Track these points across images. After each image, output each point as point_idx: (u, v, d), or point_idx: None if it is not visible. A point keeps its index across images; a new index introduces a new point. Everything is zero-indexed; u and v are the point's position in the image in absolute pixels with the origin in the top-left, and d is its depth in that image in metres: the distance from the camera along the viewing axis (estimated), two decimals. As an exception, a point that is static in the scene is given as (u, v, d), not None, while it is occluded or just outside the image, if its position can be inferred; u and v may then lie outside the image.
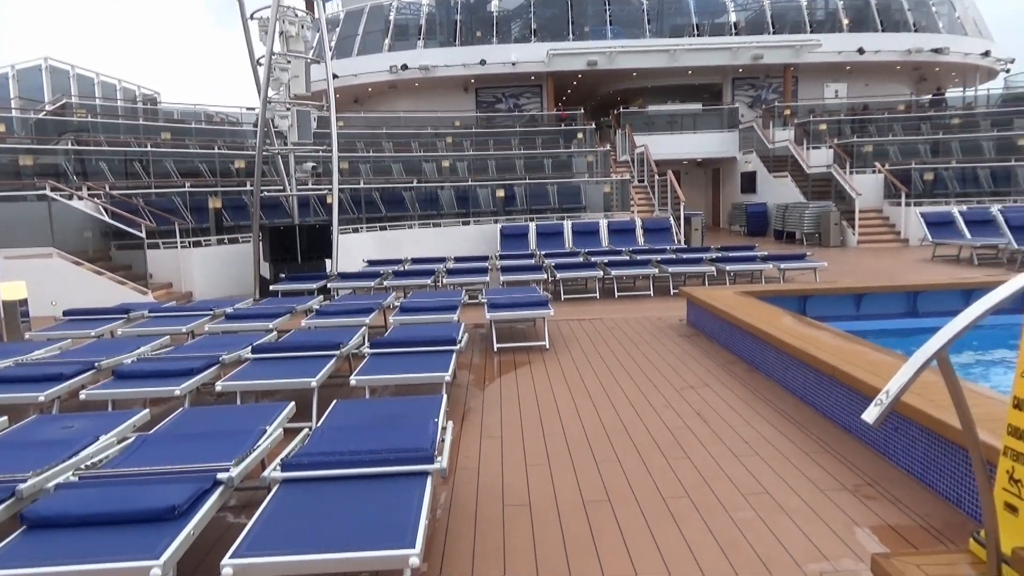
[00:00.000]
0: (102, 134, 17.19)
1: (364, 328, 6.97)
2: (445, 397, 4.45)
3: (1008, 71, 31.39)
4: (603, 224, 15.91)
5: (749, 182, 24.30)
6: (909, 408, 3.87)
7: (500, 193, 18.19)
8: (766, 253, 12.16)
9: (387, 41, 27.95)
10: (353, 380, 5.17)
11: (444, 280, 10.88)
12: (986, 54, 29.04)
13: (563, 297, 10.97)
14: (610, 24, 27.72)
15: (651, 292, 11.16)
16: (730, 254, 12.30)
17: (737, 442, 4.64)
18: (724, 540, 3.37)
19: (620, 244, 14.82)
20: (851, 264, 14.12)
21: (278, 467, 3.27)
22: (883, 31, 27.51)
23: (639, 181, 21.70)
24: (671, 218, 16.80)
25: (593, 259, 12.02)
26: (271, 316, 7.63)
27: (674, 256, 12.39)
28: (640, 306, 10.13)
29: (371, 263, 12.74)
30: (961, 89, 31.65)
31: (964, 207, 16.31)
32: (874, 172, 20.03)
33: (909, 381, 2.24)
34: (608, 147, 23.76)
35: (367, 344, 6.14)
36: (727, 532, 3.44)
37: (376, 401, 4.70)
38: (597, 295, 11.09)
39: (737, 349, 6.92)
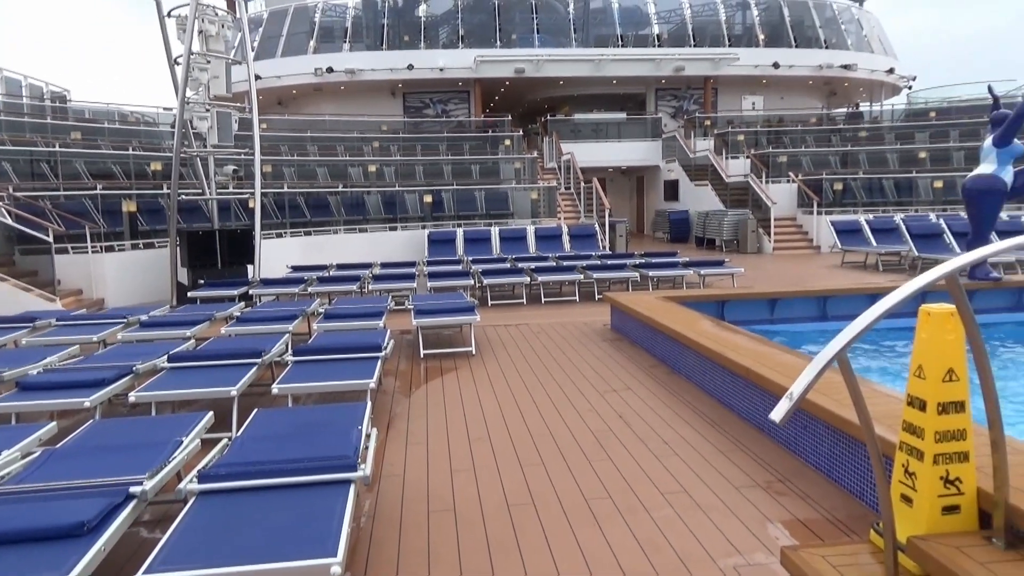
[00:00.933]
0: (5, 132, 16.31)
1: (287, 335, 6.84)
2: (370, 404, 4.42)
3: (910, 88, 33.30)
4: (530, 230, 16.06)
5: (672, 190, 24.97)
6: (816, 407, 4.06)
7: (428, 199, 18.12)
8: (687, 259, 12.52)
9: (312, 43, 27.52)
10: (275, 388, 5.07)
11: (370, 286, 10.78)
12: (890, 71, 30.70)
13: (490, 303, 11.02)
14: (537, 32, 28.04)
15: (577, 297, 11.33)
16: (653, 260, 12.62)
17: (658, 443, 4.77)
18: (644, 539, 3.46)
19: (547, 250, 14.98)
20: (767, 270, 14.67)
21: (195, 479, 3.19)
22: (796, 47, 28.77)
23: (565, 188, 21.99)
24: (596, 225, 17.10)
25: (520, 265, 12.11)
26: (189, 324, 7.40)
27: (599, 262, 12.60)
28: (566, 311, 10.28)
29: (295, 269, 12.50)
30: (868, 104, 33.35)
31: (870, 216, 17.17)
32: (788, 182, 20.90)
33: (812, 382, 2.37)
34: (535, 154, 24.01)
35: (290, 351, 6.04)
36: (647, 531, 3.54)
37: (299, 409, 4.63)
38: (524, 301, 11.19)
39: (659, 353, 7.11)
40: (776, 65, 27.86)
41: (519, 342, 8.18)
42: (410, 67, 26.24)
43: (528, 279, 11.05)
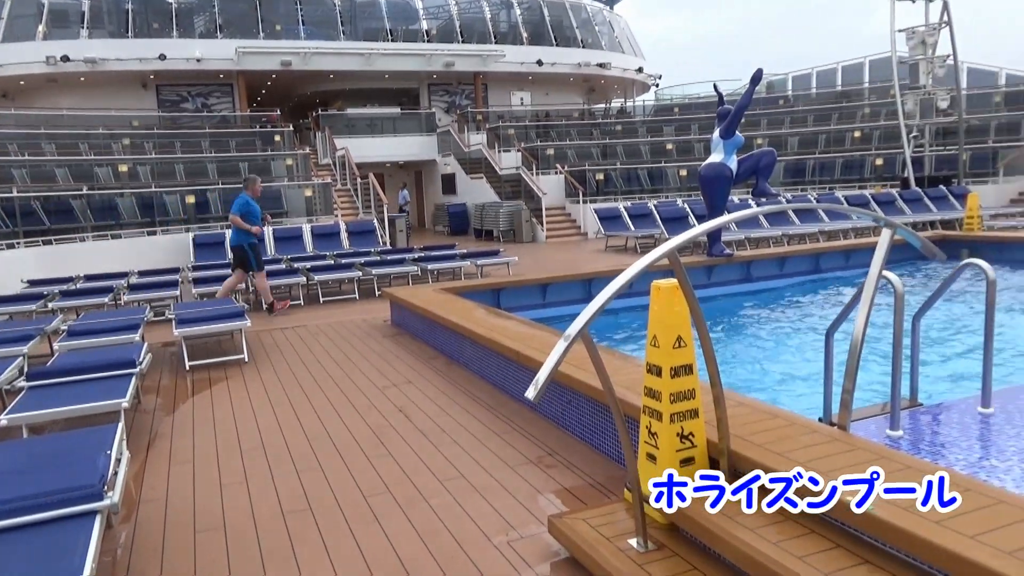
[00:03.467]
0: None
1: (20, 358, 6.03)
2: (121, 425, 4.04)
3: (657, 85, 36.68)
4: (306, 229, 15.54)
5: (449, 184, 25.40)
6: (577, 382, 4.36)
7: (191, 199, 16.87)
8: (465, 251, 12.83)
9: (42, 28, 24.35)
10: (3, 419, 4.45)
11: (126, 297, 9.83)
12: (640, 70, 33.53)
13: (264, 306, 10.51)
14: (303, 24, 27.08)
15: (356, 295, 11.16)
16: (432, 254, 12.77)
17: (436, 433, 4.85)
18: (422, 528, 3.51)
19: (325, 248, 14.59)
20: (540, 257, 15.45)
21: None
22: (557, 46, 30.44)
23: (342, 184, 21.55)
24: (375, 220, 16.94)
25: (296, 265, 11.69)
26: None
27: (379, 258, 12.54)
28: (345, 310, 10.09)
29: (33, 283, 11.05)
30: (622, 100, 36.21)
31: (628, 203, 18.69)
32: (556, 173, 22.13)
33: (556, 363, 2.55)
34: (308, 150, 23.24)
35: (24, 376, 5.34)
36: (425, 520, 3.60)
37: (34, 440, 4.11)
38: (301, 302, 10.82)
39: (437, 344, 7.22)
40: (540, 63, 29.29)
41: (296, 345, 7.90)
42: (162, 57, 24.15)
43: (304, 279, 10.71)
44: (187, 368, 6.98)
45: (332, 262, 12.19)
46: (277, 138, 23.49)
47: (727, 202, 10.22)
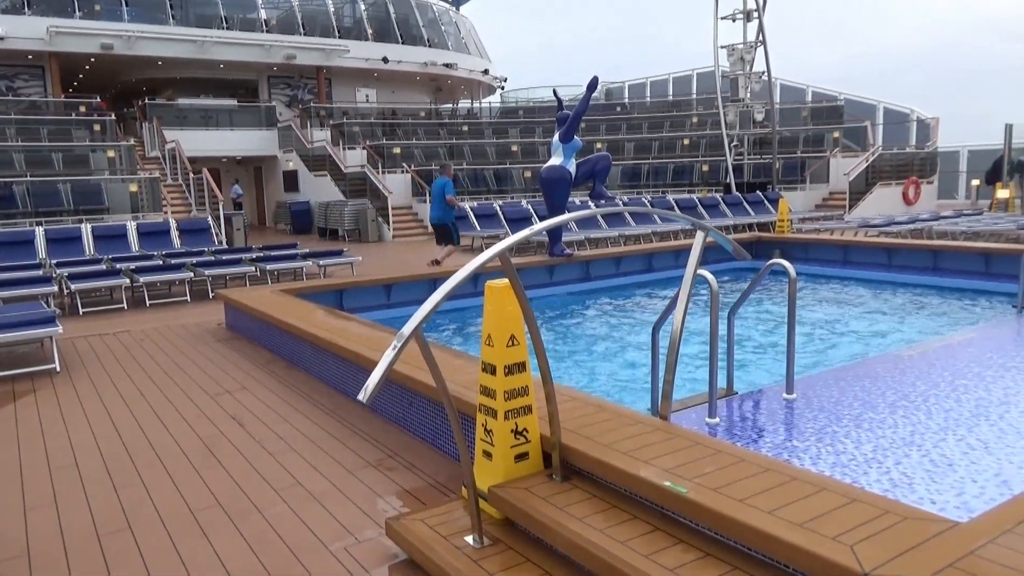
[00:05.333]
0: None
1: None
2: (-100, 449, 3.58)
3: (503, 88, 37.34)
4: (131, 226, 14.38)
5: (291, 181, 24.53)
6: (417, 383, 4.36)
7: (-8, 193, 15.18)
8: (306, 251, 12.44)
9: None
10: None
11: (-90, 302, 8.68)
12: (486, 72, 33.97)
13: (82, 311, 9.67)
14: (126, 5, 25.10)
15: (188, 297, 10.52)
16: (271, 253, 12.28)
17: (273, 440, 4.68)
18: (255, 540, 3.38)
19: (153, 248, 13.59)
20: (386, 257, 15.29)
21: None
22: (403, 43, 30.20)
23: (172, 179, 20.21)
24: (210, 218, 16.02)
25: (119, 266, 10.83)
26: None
27: (213, 258, 11.88)
28: (175, 313, 9.48)
29: None
30: (469, 101, 36.54)
31: (475, 203, 18.89)
32: (403, 172, 21.96)
33: (388, 366, 2.54)
34: (133, 141, 21.60)
35: None
36: (258, 531, 3.46)
37: None
38: (125, 305, 10.04)
39: (275, 348, 6.96)
40: (385, 60, 28.93)
41: (117, 352, 7.32)
42: (-43, 33, 21.56)
43: (128, 280, 9.95)
44: (-14, 381, 6.29)
45: (160, 262, 11.41)
46: (97, 127, 21.64)
47: (567, 203, 10.58)
